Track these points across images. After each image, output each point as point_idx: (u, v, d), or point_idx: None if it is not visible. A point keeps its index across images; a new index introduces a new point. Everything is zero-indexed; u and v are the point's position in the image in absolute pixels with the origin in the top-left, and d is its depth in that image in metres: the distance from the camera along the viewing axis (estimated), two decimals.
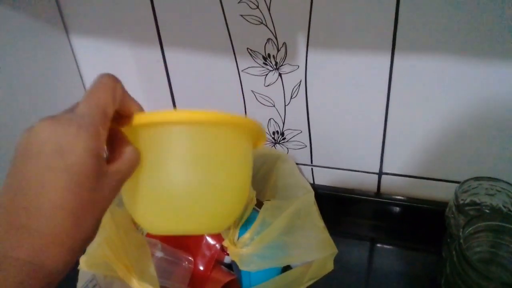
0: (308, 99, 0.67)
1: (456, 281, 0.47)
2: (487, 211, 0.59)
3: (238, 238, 0.52)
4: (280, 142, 0.74)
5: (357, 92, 0.64)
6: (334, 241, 0.72)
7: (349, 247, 0.74)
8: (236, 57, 0.66)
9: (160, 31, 0.68)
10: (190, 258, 0.60)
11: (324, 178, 0.77)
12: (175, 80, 0.73)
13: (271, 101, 0.69)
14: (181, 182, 0.39)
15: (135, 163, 0.37)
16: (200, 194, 0.39)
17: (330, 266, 0.53)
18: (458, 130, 0.62)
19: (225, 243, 0.52)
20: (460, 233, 0.46)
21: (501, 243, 0.49)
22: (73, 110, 0.34)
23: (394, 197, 0.73)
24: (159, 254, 0.54)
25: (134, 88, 0.76)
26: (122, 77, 0.75)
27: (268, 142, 0.75)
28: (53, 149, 0.31)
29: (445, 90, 0.59)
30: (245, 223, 0.54)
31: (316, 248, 0.52)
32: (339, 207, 0.77)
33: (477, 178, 0.58)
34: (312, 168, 0.76)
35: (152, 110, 0.38)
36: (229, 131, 0.41)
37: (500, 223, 0.48)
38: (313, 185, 0.78)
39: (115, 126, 0.37)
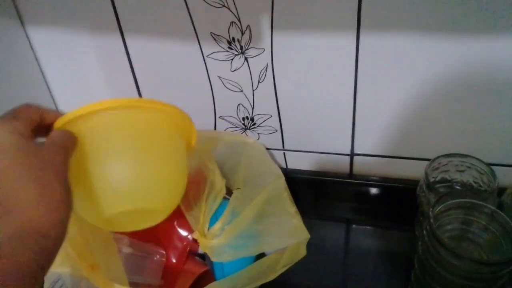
0: (276, 83, 0.66)
1: (428, 260, 0.47)
2: (458, 187, 0.59)
3: (208, 229, 0.51)
4: (251, 127, 0.73)
5: (324, 73, 0.63)
6: (310, 224, 0.72)
7: (325, 229, 0.74)
8: (200, 42, 0.64)
9: (120, 19, 0.65)
10: (161, 251, 0.59)
11: (297, 162, 0.76)
12: (139, 68, 0.71)
13: (239, 86, 0.68)
14: (113, 169, 0.42)
15: (66, 134, 0.39)
16: (132, 179, 0.42)
17: (303, 252, 0.52)
18: (427, 108, 0.62)
19: (195, 235, 0.51)
20: (430, 212, 0.46)
21: (471, 219, 0.49)
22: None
23: (367, 177, 0.73)
24: (126, 249, 0.53)
25: (96, 78, 0.74)
26: (84, 68, 0.73)
27: (239, 128, 0.73)
28: None
29: (412, 67, 0.58)
30: (215, 213, 0.53)
31: (288, 235, 0.51)
32: (313, 190, 0.77)
33: (447, 155, 0.58)
34: (284, 153, 0.75)
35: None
36: (149, 117, 0.45)
37: (469, 200, 0.48)
38: (286, 170, 0.77)
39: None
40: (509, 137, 0.61)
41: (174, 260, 0.58)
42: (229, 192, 0.56)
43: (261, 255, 0.57)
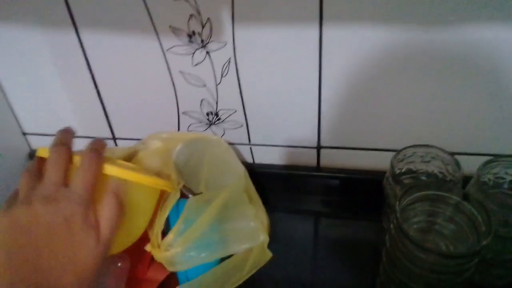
0: (240, 77, 0.64)
1: (395, 253, 0.47)
2: (424, 178, 0.59)
3: (161, 240, 0.49)
4: (215, 123, 0.71)
5: (288, 66, 0.61)
6: (279, 218, 0.72)
7: (293, 223, 0.73)
8: (159, 36, 0.62)
9: (73, 13, 0.62)
10: (125, 257, 0.57)
11: (264, 157, 0.75)
12: (96, 65, 0.68)
13: (202, 81, 0.66)
14: None
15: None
16: None
17: (268, 254, 0.51)
18: (391, 99, 0.62)
19: (148, 247, 0.49)
20: (397, 206, 0.45)
21: (437, 211, 0.49)
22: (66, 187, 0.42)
23: (334, 170, 0.73)
24: None
25: (51, 77, 0.70)
26: (37, 67, 0.69)
27: (203, 124, 0.71)
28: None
29: (375, 58, 0.58)
30: (173, 221, 0.51)
31: (245, 239, 0.50)
32: (281, 184, 0.76)
33: (412, 146, 0.58)
34: (250, 148, 0.73)
35: None
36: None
37: (434, 192, 0.48)
38: (253, 164, 0.75)
39: None
40: (472, 126, 0.62)
41: (138, 266, 0.56)
42: (191, 193, 0.54)
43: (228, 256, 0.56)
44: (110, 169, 0.45)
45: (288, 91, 0.64)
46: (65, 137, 0.46)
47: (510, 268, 0.57)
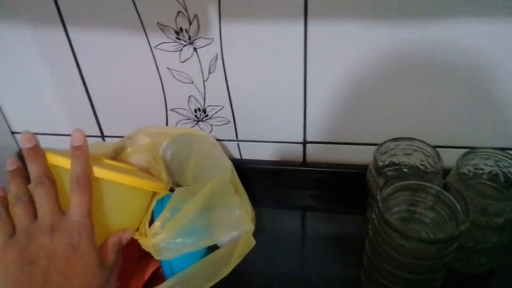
0: (227, 73, 0.65)
1: (378, 242, 0.48)
2: (406, 170, 0.61)
3: (148, 228, 0.50)
4: (203, 119, 0.72)
5: (274, 62, 0.63)
6: (266, 213, 0.73)
7: (281, 218, 0.74)
8: (147, 33, 0.63)
9: (61, 10, 0.62)
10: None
11: (251, 153, 0.76)
12: (85, 63, 0.68)
13: (189, 78, 0.67)
14: None
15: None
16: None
17: (252, 242, 0.52)
18: (374, 94, 0.63)
19: (135, 235, 0.50)
20: (378, 196, 0.47)
21: (418, 200, 0.51)
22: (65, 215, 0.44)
23: (320, 164, 0.74)
24: None
25: (40, 76, 0.71)
26: (26, 65, 0.70)
27: (191, 121, 0.72)
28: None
29: (360, 54, 0.60)
30: (157, 213, 0.52)
31: (231, 227, 0.51)
32: (268, 179, 0.77)
33: (394, 139, 0.59)
34: (238, 144, 0.75)
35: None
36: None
37: (415, 182, 0.49)
38: (241, 160, 0.77)
39: None
40: (452, 120, 0.64)
41: (128, 259, 0.57)
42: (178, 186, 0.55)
43: (213, 250, 0.57)
44: (103, 173, 0.46)
45: (274, 87, 0.66)
46: (41, 165, 0.46)
47: (490, 256, 0.59)
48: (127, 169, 0.54)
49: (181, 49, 0.64)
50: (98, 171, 0.46)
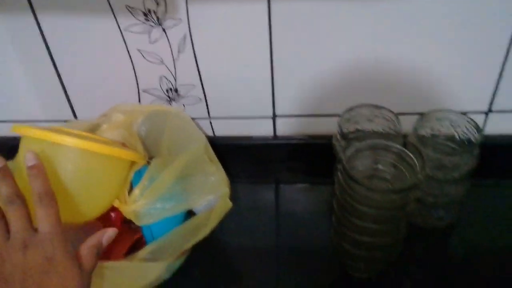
0: (196, 52, 0.68)
1: (345, 198, 0.52)
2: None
3: (128, 196, 0.52)
4: (175, 99, 0.74)
5: (241, 40, 0.65)
6: (241, 188, 0.76)
7: (256, 191, 0.77)
8: (116, 15, 0.64)
9: None
10: (99, 225, 0.60)
11: (224, 129, 0.78)
12: (55, 48, 0.69)
13: (159, 58, 0.69)
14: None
15: None
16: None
17: (228, 204, 0.55)
18: (337, 64, 0.67)
19: (116, 203, 0.52)
20: (343, 155, 0.51)
21: (379, 159, 0.55)
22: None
23: (290, 137, 0.77)
24: None
25: (10, 62, 0.71)
26: None
27: (164, 101, 0.74)
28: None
29: (323, 28, 0.63)
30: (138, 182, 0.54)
31: (207, 192, 0.54)
32: (241, 155, 0.80)
33: (356, 106, 0.63)
34: (210, 121, 0.77)
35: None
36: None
37: (377, 141, 0.53)
38: (214, 138, 0.79)
39: None
40: (411, 87, 0.68)
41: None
42: None
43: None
44: (86, 145, 0.48)
45: (242, 64, 0.68)
46: (11, 185, 0.47)
47: (449, 210, 0.64)
48: (105, 141, 0.56)
49: (150, 31, 0.66)
50: (78, 143, 0.48)
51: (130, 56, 0.69)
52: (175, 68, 0.70)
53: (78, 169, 0.49)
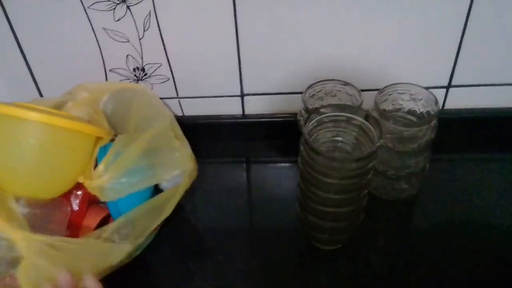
0: (161, 30, 0.68)
1: (307, 170, 0.53)
2: None
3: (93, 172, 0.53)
4: (143, 78, 0.74)
5: (206, 18, 0.66)
6: (211, 167, 0.77)
7: (226, 170, 0.78)
8: None
9: None
10: (67, 203, 0.60)
11: (192, 109, 0.79)
12: (20, 27, 0.68)
13: (125, 36, 0.69)
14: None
15: None
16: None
17: (193, 175, 0.56)
18: (303, 41, 0.68)
19: (80, 179, 0.53)
20: (304, 128, 0.52)
21: (340, 131, 0.56)
22: None
23: (259, 115, 0.78)
24: (24, 209, 0.53)
25: None
26: None
27: (131, 80, 0.74)
28: None
29: (287, 10, 0.63)
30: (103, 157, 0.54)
31: (172, 166, 0.55)
32: (210, 134, 0.80)
33: (319, 82, 0.64)
34: (179, 101, 0.77)
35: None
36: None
37: (336, 113, 0.54)
38: (183, 117, 0.80)
39: None
40: (374, 67, 0.70)
41: (76, 208, 0.59)
42: None
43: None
44: (49, 119, 0.48)
45: (208, 43, 0.69)
46: None
47: (410, 182, 0.66)
48: (69, 116, 0.56)
49: (114, 8, 0.65)
50: (41, 117, 0.48)
51: (95, 35, 0.69)
52: (141, 46, 0.70)
53: (42, 144, 0.50)
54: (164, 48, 0.70)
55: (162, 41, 0.69)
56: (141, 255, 0.62)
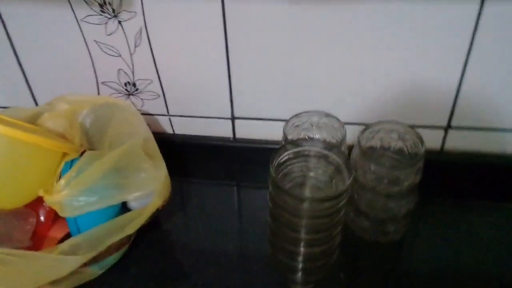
0: (152, 46, 0.67)
1: (276, 209, 0.50)
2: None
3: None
4: (134, 93, 0.73)
5: (196, 37, 0.65)
6: (197, 187, 0.75)
7: (212, 192, 0.76)
8: (72, 5, 0.64)
9: None
10: (33, 213, 0.59)
11: (183, 127, 0.77)
12: (16, 36, 0.69)
13: (116, 51, 0.68)
14: None
15: None
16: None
17: (156, 203, 0.55)
18: (295, 69, 0.65)
19: (40, 192, 0.52)
20: (271, 164, 0.49)
21: (311, 166, 0.53)
22: None
23: (249, 140, 0.76)
24: None
25: None
26: None
27: (122, 94, 0.74)
28: None
29: (279, 28, 0.61)
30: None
31: (136, 187, 0.53)
32: (199, 154, 0.79)
33: (304, 113, 0.61)
34: (170, 118, 0.76)
35: None
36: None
37: (304, 148, 0.52)
38: (174, 136, 0.78)
39: None
40: (360, 98, 0.67)
41: (42, 219, 0.59)
42: None
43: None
44: (12, 132, 0.48)
45: (199, 63, 0.68)
46: None
47: (401, 223, 0.62)
48: (39, 131, 0.56)
49: (106, 22, 0.65)
50: (4, 130, 0.48)
51: (87, 47, 0.69)
52: (132, 62, 0.69)
53: (3, 155, 0.49)
54: (155, 65, 0.69)
55: (153, 58, 0.68)
56: (107, 274, 0.60)
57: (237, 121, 0.74)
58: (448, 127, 0.68)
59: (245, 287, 0.60)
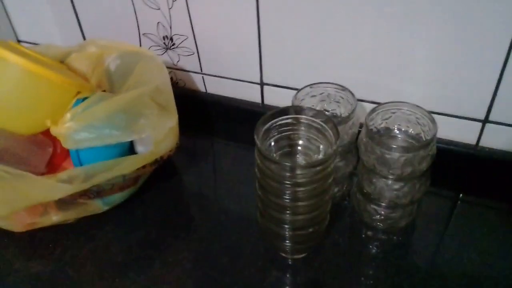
0: (189, 3, 0.68)
1: (264, 179, 0.49)
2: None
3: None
4: (171, 47, 0.76)
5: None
6: (223, 146, 0.76)
7: (234, 154, 0.77)
8: None
9: None
10: (51, 143, 0.64)
11: (215, 87, 0.78)
12: None
13: (156, 4, 0.70)
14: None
15: None
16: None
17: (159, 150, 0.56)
18: (329, 34, 0.63)
19: (48, 123, 0.56)
20: (256, 135, 0.48)
21: (301, 134, 0.51)
22: None
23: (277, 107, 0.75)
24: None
25: None
26: None
27: (161, 48, 0.76)
28: None
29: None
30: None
31: (137, 131, 0.55)
32: (228, 116, 0.79)
33: (320, 83, 0.59)
34: (203, 77, 0.78)
35: None
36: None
37: (290, 116, 0.50)
38: (206, 94, 0.80)
39: None
40: (372, 70, 0.63)
41: (58, 151, 0.64)
42: None
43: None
44: (24, 63, 0.52)
45: (232, 25, 0.68)
46: None
47: (405, 209, 0.58)
48: (56, 67, 0.60)
49: None
50: (21, 61, 0.52)
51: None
52: (170, 16, 0.71)
53: (16, 84, 0.54)
54: (191, 22, 0.70)
55: (189, 14, 0.69)
56: (112, 212, 0.63)
57: (265, 87, 0.74)
58: (485, 121, 0.61)
59: (237, 247, 0.61)
